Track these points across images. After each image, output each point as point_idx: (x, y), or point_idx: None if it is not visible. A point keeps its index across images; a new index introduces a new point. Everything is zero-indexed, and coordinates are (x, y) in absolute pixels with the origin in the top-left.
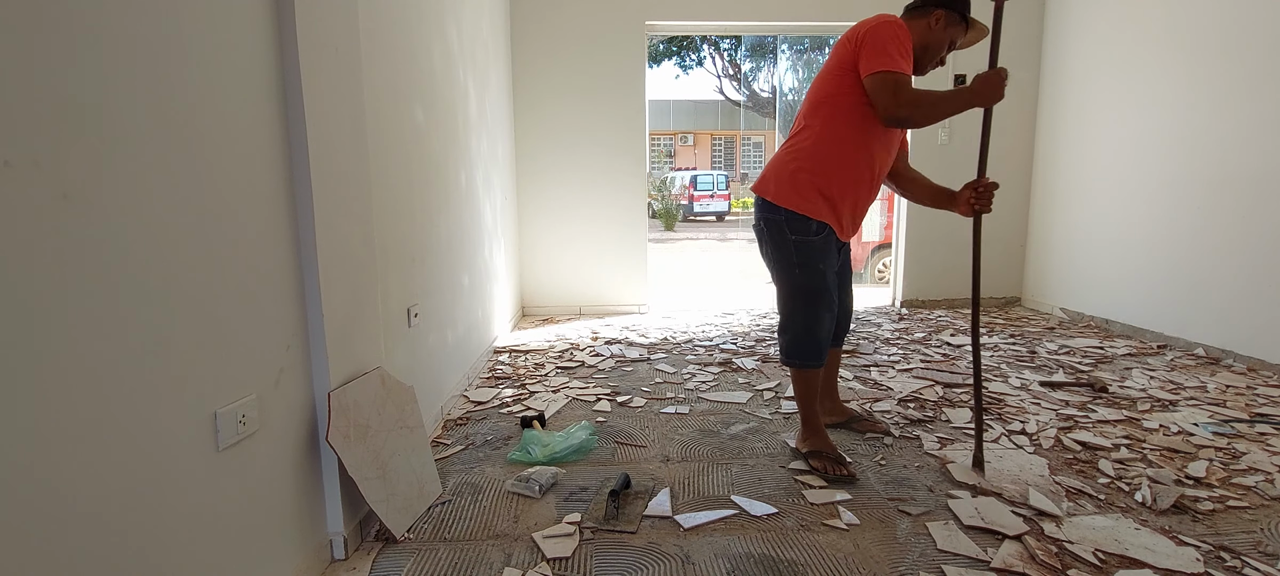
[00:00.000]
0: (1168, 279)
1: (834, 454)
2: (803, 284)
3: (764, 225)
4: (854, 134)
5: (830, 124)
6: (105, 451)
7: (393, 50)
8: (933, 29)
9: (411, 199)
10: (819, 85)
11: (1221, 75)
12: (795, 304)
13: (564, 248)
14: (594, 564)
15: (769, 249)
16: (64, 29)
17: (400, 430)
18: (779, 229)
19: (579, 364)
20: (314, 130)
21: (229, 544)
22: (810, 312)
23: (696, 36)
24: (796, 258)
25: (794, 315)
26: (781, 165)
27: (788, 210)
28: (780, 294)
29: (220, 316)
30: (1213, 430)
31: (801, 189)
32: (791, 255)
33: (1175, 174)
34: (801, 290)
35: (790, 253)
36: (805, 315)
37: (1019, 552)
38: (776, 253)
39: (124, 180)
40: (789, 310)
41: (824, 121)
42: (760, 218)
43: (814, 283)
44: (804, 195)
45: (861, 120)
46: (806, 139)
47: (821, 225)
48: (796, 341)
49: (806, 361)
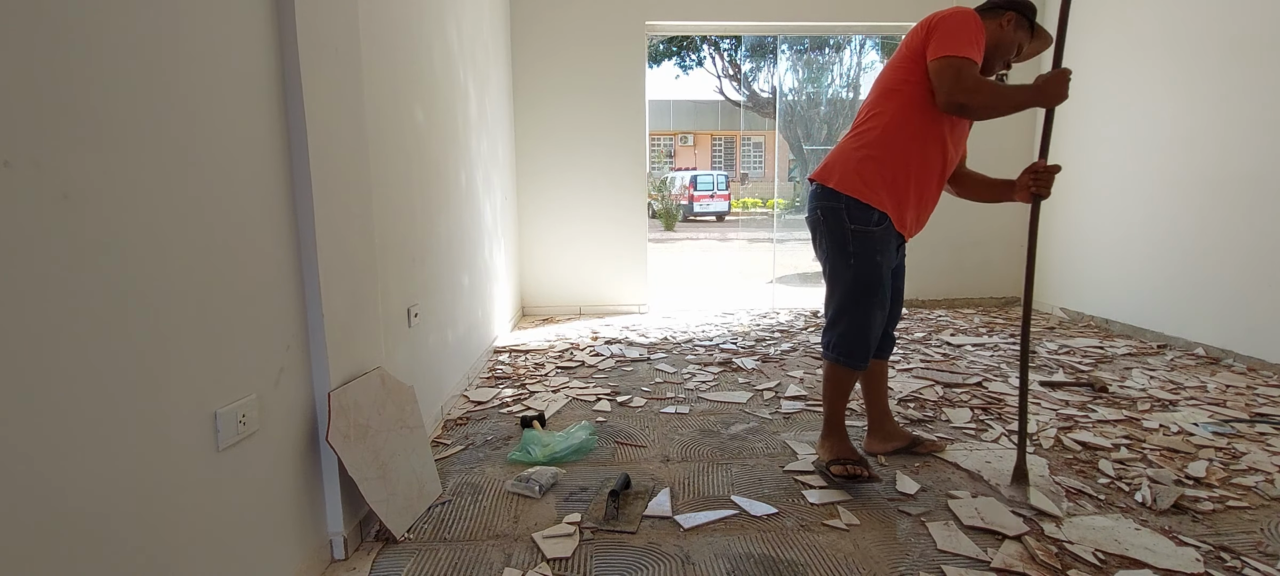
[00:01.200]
0: (1168, 279)
1: (853, 455)
2: (858, 276)
3: (821, 214)
4: (926, 124)
5: (901, 113)
6: (105, 451)
7: (393, 50)
8: (1004, 29)
9: (411, 199)
10: (888, 73)
11: (1221, 75)
12: (847, 297)
13: (564, 248)
14: (594, 564)
15: (825, 239)
16: (64, 29)
17: (400, 430)
18: (838, 217)
19: (579, 364)
20: (314, 130)
21: (229, 544)
22: (862, 308)
23: (696, 36)
24: (853, 247)
25: (844, 309)
26: (847, 153)
27: (848, 197)
28: (831, 287)
29: (220, 316)
30: (1213, 430)
31: (867, 177)
32: (848, 245)
33: (1175, 174)
34: (855, 283)
35: (847, 242)
36: (856, 310)
37: (1019, 552)
38: (832, 242)
39: (124, 180)
40: (840, 304)
41: (895, 110)
42: (817, 207)
43: (869, 276)
44: (868, 183)
45: (934, 110)
46: (875, 127)
47: (882, 215)
48: (844, 338)
49: (851, 360)
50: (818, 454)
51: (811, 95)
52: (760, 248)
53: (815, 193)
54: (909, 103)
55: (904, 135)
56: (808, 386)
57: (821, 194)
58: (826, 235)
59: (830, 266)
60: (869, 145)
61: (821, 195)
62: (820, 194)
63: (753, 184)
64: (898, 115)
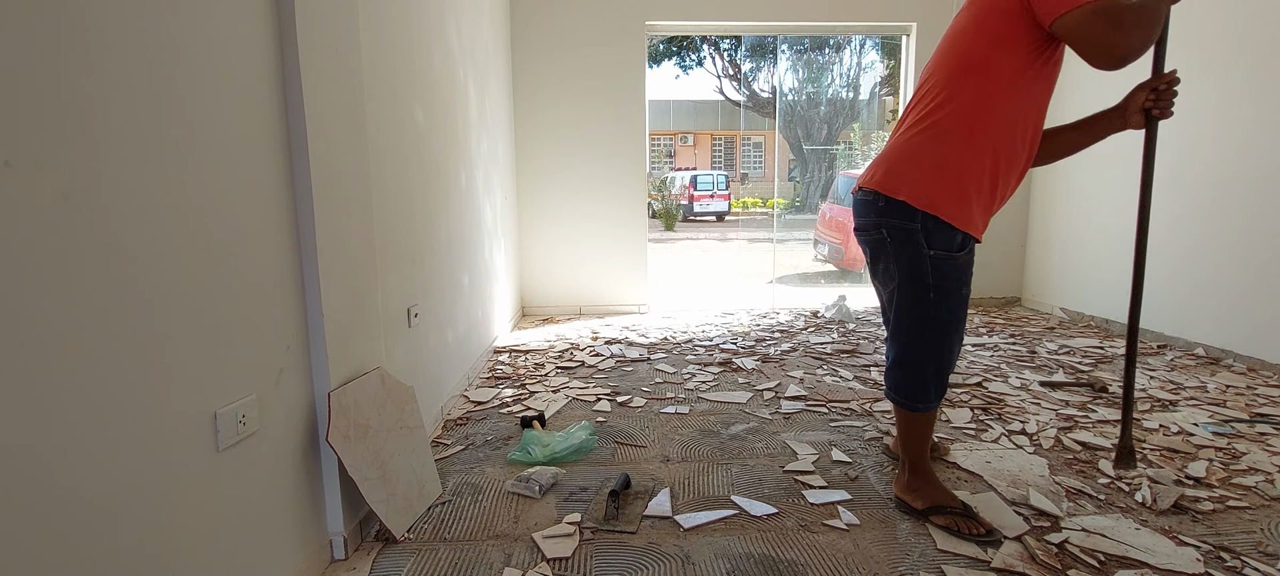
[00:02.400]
0: (1168, 279)
1: (956, 503)
2: (939, 315)
3: (888, 234)
4: (1018, 103)
5: (986, 94)
6: (105, 451)
7: (393, 50)
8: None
9: (411, 199)
10: (960, 48)
11: (1222, 76)
12: (924, 335)
13: (564, 248)
14: (594, 564)
15: (895, 265)
16: (64, 29)
17: (400, 430)
18: (913, 241)
19: (579, 364)
20: (314, 130)
21: (229, 544)
22: (943, 347)
23: (696, 36)
24: (934, 280)
25: (918, 346)
26: (917, 151)
27: (926, 214)
28: (903, 320)
29: (220, 316)
30: (1213, 430)
31: (949, 186)
32: (927, 276)
33: (1175, 174)
34: (936, 321)
35: (926, 272)
36: (937, 350)
37: (1019, 552)
38: (907, 271)
39: (124, 180)
40: (912, 340)
41: (976, 91)
42: (882, 224)
43: (954, 312)
44: (951, 194)
45: (1028, 84)
46: (951, 116)
47: (968, 238)
48: (918, 380)
49: (929, 403)
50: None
51: (811, 95)
52: (760, 247)
53: (876, 205)
54: (996, 79)
55: (994, 122)
56: (808, 386)
57: (888, 209)
58: (897, 261)
59: (901, 298)
60: (947, 140)
61: (889, 211)
62: (886, 209)
63: (753, 184)
64: (981, 97)
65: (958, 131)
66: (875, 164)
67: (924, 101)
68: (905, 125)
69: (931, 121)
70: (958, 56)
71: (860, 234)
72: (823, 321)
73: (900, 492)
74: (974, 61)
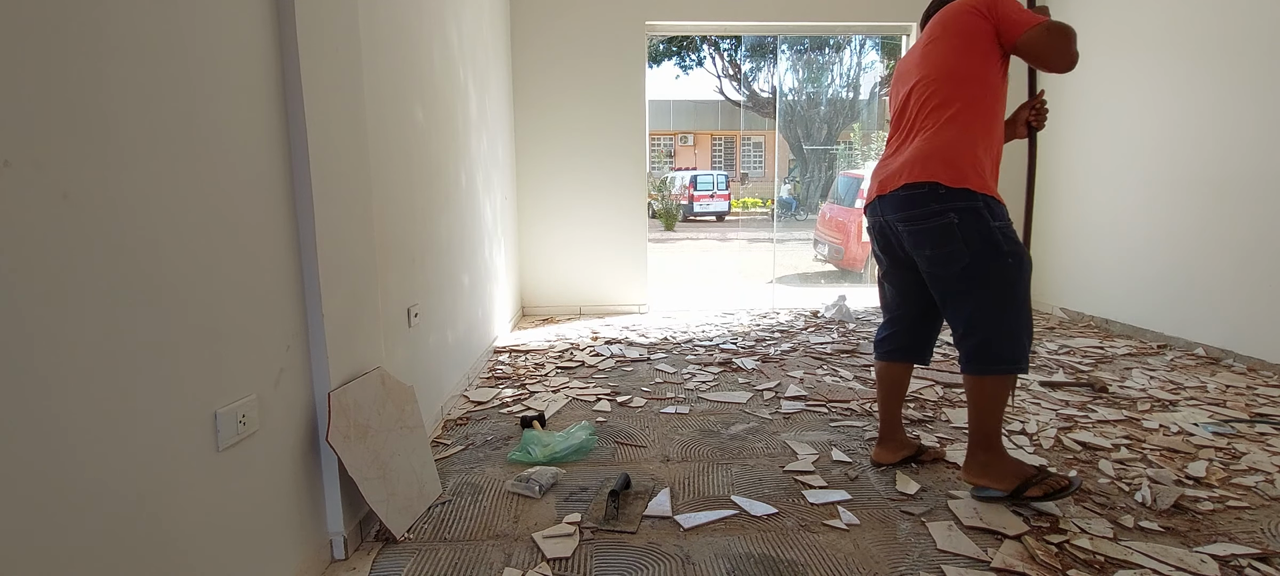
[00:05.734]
0: (1168, 279)
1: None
2: (1023, 270)
3: (958, 216)
4: (1001, 109)
5: (983, 100)
6: (105, 451)
7: (393, 50)
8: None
9: (411, 199)
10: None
11: (1221, 75)
12: (1015, 297)
13: (564, 248)
14: (594, 564)
15: (964, 244)
16: (64, 29)
17: (400, 430)
18: (980, 217)
19: (579, 364)
20: (314, 130)
21: (229, 544)
22: (1028, 305)
23: (696, 36)
24: (1007, 245)
25: (1011, 310)
26: (955, 144)
27: (985, 194)
28: (987, 295)
29: (220, 316)
30: (1213, 430)
31: (985, 170)
32: (1001, 245)
33: (1175, 174)
34: (1022, 277)
35: (999, 241)
36: (1026, 307)
37: (1019, 552)
38: (982, 245)
39: (124, 180)
40: (1004, 308)
41: (977, 97)
42: (946, 207)
43: (1028, 268)
44: (988, 178)
45: (1002, 93)
46: (962, 114)
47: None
48: (1020, 342)
49: (1028, 361)
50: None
51: (811, 95)
52: (760, 247)
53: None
54: (988, 89)
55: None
56: (808, 386)
57: (951, 195)
58: (968, 239)
59: (980, 272)
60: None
61: (952, 197)
62: (949, 195)
63: (753, 184)
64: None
65: (973, 126)
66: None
67: (928, 104)
68: (918, 127)
69: (946, 119)
70: (948, 68)
71: (913, 224)
72: (823, 321)
73: (978, 479)
74: (969, 73)
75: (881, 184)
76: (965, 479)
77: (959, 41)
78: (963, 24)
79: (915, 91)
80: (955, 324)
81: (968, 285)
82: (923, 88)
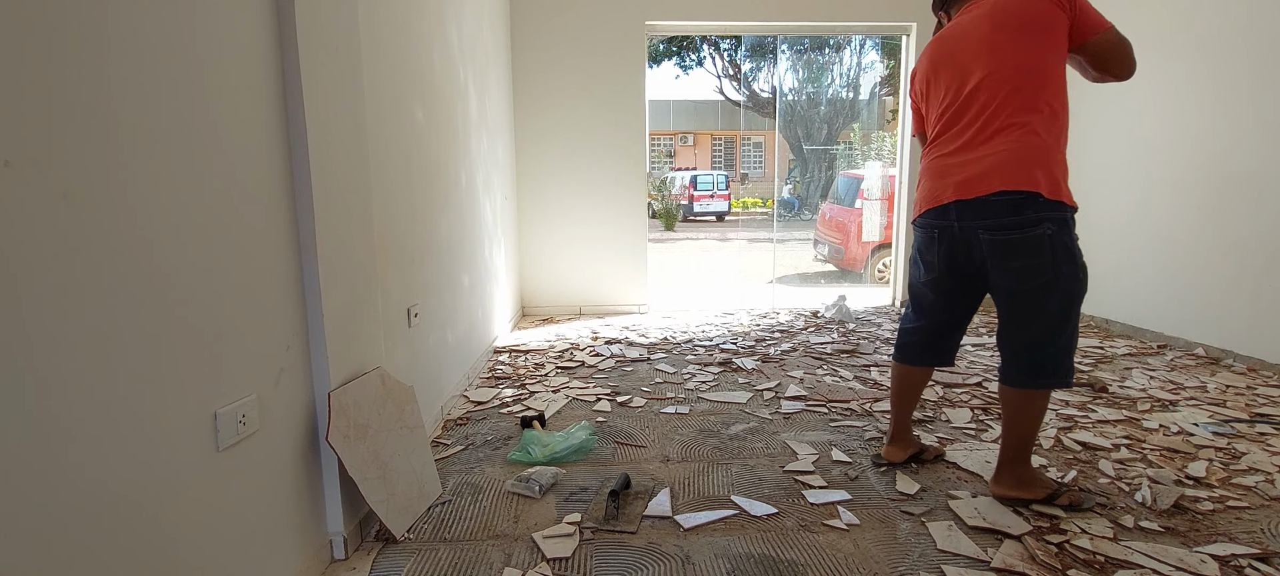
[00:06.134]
0: (1168, 279)
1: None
2: (1084, 288)
3: (1055, 227)
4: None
5: (1063, 101)
6: (105, 451)
7: (393, 50)
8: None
9: (411, 199)
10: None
11: (1222, 75)
12: (1076, 312)
13: (564, 248)
14: (594, 564)
15: (1054, 258)
16: (64, 29)
17: (400, 430)
18: (1068, 230)
19: (579, 364)
20: (314, 130)
21: (229, 544)
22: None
23: (696, 36)
24: (1080, 259)
25: (1071, 326)
26: (1051, 153)
27: (1073, 207)
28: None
29: (220, 316)
30: (1213, 430)
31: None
32: (1078, 258)
33: (1175, 174)
34: (1082, 295)
35: (1076, 254)
36: (1078, 321)
37: (1019, 552)
38: (1068, 258)
39: (124, 180)
40: (1066, 323)
41: (1059, 98)
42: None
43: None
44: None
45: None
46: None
47: None
48: (1072, 354)
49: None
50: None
51: (811, 95)
52: (760, 247)
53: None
54: (1061, 87)
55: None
56: (808, 386)
57: (1048, 206)
58: (1059, 253)
59: (1060, 288)
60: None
61: (1046, 207)
62: (1046, 205)
63: (753, 184)
64: (1059, 102)
65: (1060, 132)
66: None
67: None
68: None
69: (1039, 122)
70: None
71: (1004, 233)
72: (823, 321)
73: (1012, 492)
74: (1050, 70)
75: (960, 186)
76: (998, 493)
77: (1041, 35)
78: (1043, 16)
79: (987, 84)
80: (1015, 337)
81: (1043, 299)
82: (1000, 81)
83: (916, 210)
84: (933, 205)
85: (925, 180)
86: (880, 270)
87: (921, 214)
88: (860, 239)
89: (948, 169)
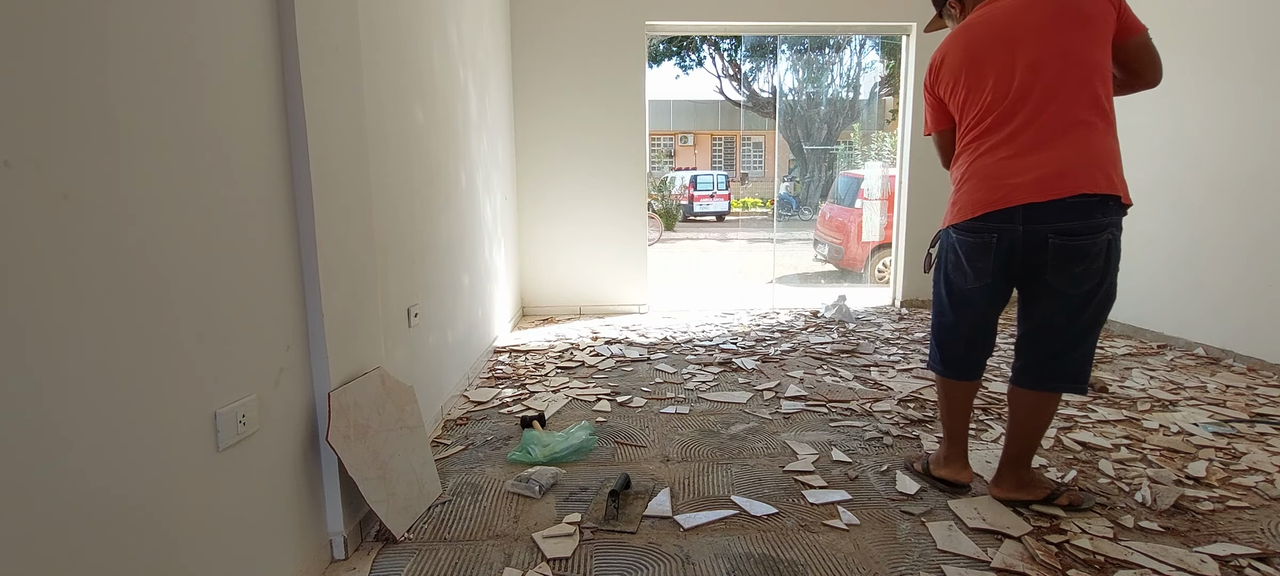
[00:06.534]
0: (1168, 279)
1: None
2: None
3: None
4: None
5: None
6: (105, 451)
7: (393, 50)
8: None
9: (411, 199)
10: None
11: (1222, 75)
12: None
13: (564, 248)
14: (594, 564)
15: (1108, 262)
16: (64, 29)
17: (400, 430)
18: (1120, 231)
19: (579, 364)
20: (314, 130)
21: (229, 544)
22: None
23: (696, 36)
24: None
25: (1098, 332)
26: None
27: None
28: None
29: (220, 316)
30: (1213, 430)
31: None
32: (1117, 264)
33: (1175, 174)
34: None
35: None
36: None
37: (1019, 552)
38: (1116, 264)
39: (124, 180)
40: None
41: (1109, 93)
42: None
43: None
44: None
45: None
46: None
47: None
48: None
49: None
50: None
51: (811, 95)
52: (760, 247)
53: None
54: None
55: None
56: (808, 386)
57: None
58: (1114, 258)
59: (1107, 289)
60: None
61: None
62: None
63: (753, 184)
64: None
65: (1112, 130)
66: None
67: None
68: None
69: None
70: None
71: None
72: (823, 321)
73: (1014, 494)
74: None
75: (1034, 187)
76: (998, 495)
77: (1097, 29)
78: (1097, 9)
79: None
80: (1049, 340)
81: (1085, 304)
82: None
83: (966, 214)
84: (997, 208)
85: (976, 183)
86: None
87: (976, 217)
88: (860, 239)
89: (1013, 170)
